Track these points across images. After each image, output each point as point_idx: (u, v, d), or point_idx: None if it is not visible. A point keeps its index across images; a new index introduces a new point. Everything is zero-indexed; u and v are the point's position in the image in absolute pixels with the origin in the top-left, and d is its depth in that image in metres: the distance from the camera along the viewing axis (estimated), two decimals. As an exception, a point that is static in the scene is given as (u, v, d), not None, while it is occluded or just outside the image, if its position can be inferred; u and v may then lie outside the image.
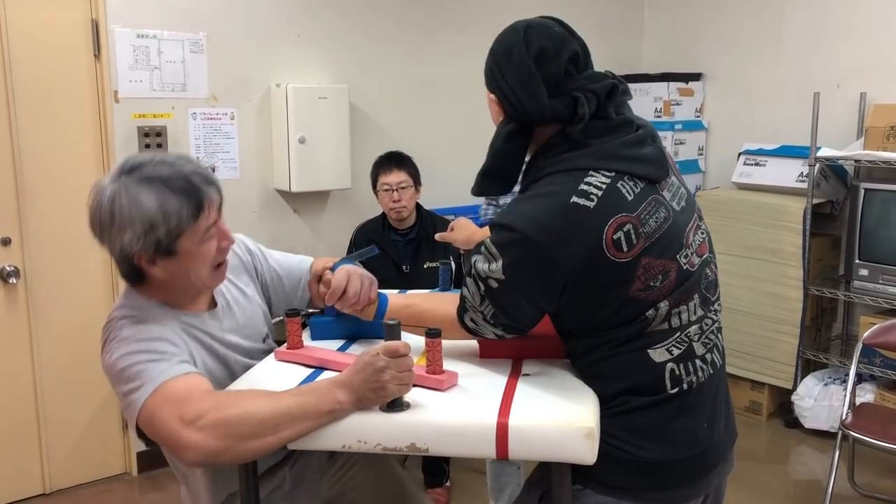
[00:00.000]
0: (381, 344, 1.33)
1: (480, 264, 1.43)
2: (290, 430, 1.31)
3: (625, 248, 1.36)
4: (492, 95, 1.50)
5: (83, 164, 3.25)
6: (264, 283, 1.82)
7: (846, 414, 3.11)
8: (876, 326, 3.19)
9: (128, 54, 3.25)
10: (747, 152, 4.33)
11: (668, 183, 1.47)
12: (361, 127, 3.93)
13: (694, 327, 1.44)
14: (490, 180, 1.50)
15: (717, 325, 1.51)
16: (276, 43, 3.65)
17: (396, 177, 3.30)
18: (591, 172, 1.38)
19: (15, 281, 3.14)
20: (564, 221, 1.35)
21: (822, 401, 3.85)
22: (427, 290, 2.17)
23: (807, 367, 4.04)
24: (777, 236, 3.97)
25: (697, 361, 1.44)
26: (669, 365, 1.40)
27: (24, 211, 3.14)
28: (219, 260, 1.55)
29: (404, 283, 3.15)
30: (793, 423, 4.00)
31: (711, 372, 1.47)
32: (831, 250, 4.14)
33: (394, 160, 3.37)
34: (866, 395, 3.74)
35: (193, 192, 1.45)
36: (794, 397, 3.95)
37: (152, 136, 3.33)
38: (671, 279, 1.40)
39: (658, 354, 1.40)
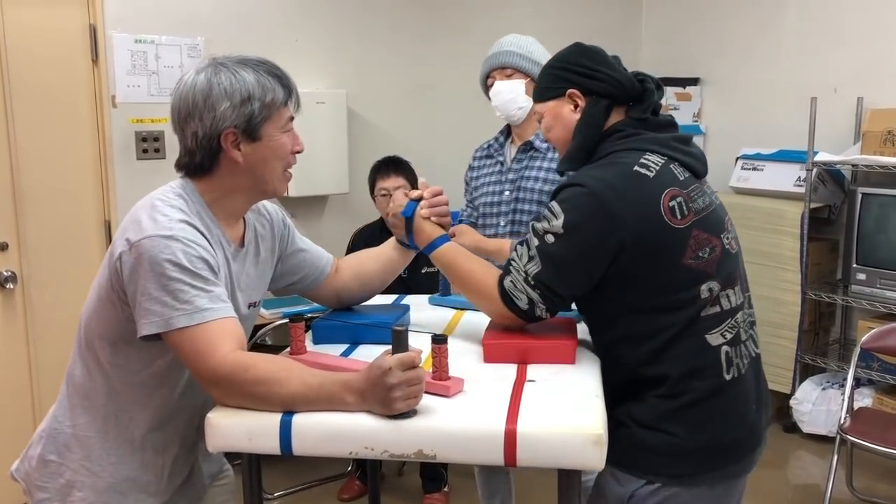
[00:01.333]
0: (393, 356, 1.30)
1: (539, 224, 1.55)
2: (291, 409, 1.37)
3: (678, 216, 1.51)
4: (567, 94, 1.64)
5: (81, 169, 3.24)
6: (279, 260, 1.78)
7: (844, 418, 3.11)
8: (874, 331, 3.20)
9: (126, 59, 3.24)
10: (745, 157, 4.34)
11: (706, 184, 1.66)
12: (359, 132, 3.93)
13: (739, 314, 1.59)
14: (582, 153, 1.64)
15: (750, 318, 1.65)
16: (274, 48, 3.64)
17: (394, 181, 3.29)
18: (648, 153, 1.57)
19: (12, 286, 3.12)
20: (627, 183, 1.51)
21: (820, 405, 3.85)
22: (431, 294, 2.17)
23: (805, 371, 4.05)
24: (775, 241, 3.98)
25: (742, 347, 1.59)
26: (724, 348, 1.54)
27: (22, 215, 3.13)
28: (291, 163, 1.59)
29: (402, 289, 3.14)
30: (791, 427, 4.00)
31: (749, 359, 1.61)
32: (829, 255, 4.15)
33: (391, 165, 3.36)
34: (864, 399, 3.75)
35: (284, 79, 1.56)
36: (792, 402, 3.96)
37: (150, 141, 3.32)
38: (717, 253, 1.55)
39: (714, 339, 1.53)
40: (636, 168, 1.52)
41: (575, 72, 1.64)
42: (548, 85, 1.69)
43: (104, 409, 1.56)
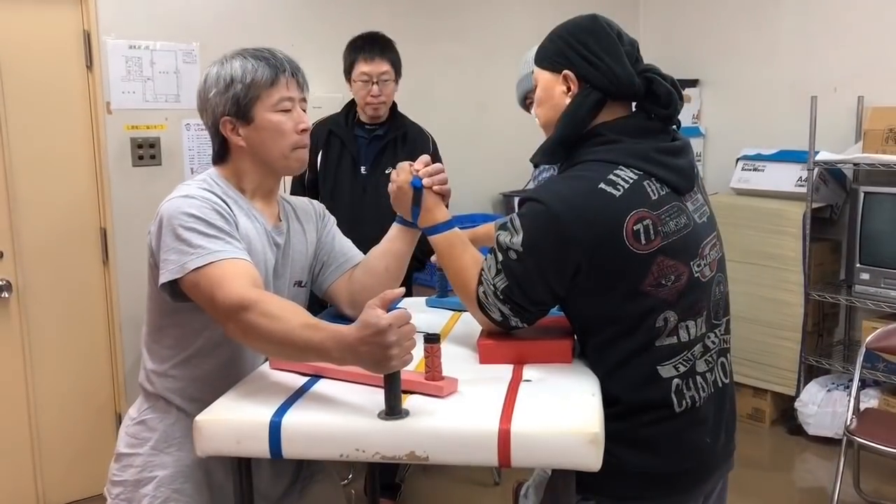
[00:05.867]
0: (389, 313, 1.26)
1: (503, 237, 1.49)
2: (286, 356, 1.46)
3: (643, 241, 1.41)
4: (562, 73, 1.53)
5: (76, 177, 3.22)
6: (318, 242, 1.85)
7: (850, 420, 3.07)
8: (878, 331, 3.16)
9: (120, 65, 3.23)
10: (745, 158, 4.31)
11: (693, 197, 1.54)
12: (357, 136, 3.90)
13: (698, 346, 1.50)
14: (561, 147, 1.55)
15: (720, 347, 1.57)
16: (270, 53, 3.63)
17: (379, 66, 2.89)
18: (621, 167, 1.45)
19: (7, 295, 3.10)
20: (589, 202, 1.41)
21: (825, 407, 3.81)
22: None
23: (809, 373, 4.01)
24: (777, 241, 3.95)
25: (699, 379, 1.50)
26: (675, 381, 1.47)
27: (17, 223, 3.11)
28: (298, 143, 1.63)
29: (358, 190, 2.90)
30: (796, 430, 3.96)
31: (713, 391, 1.53)
32: (832, 255, 4.12)
33: (377, 45, 2.91)
34: (870, 400, 3.71)
35: (273, 61, 1.60)
36: (797, 404, 3.92)
37: (146, 148, 3.30)
38: (682, 283, 1.46)
39: (666, 371, 1.46)
40: (602, 185, 1.42)
41: (576, 51, 1.51)
42: (548, 55, 1.58)
43: (162, 389, 1.65)
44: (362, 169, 3.00)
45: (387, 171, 3.03)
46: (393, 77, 2.97)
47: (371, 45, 2.91)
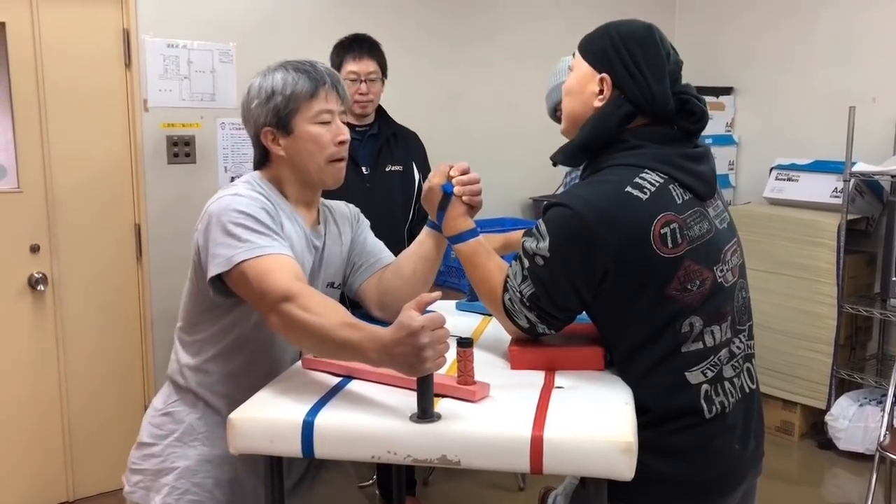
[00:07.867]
0: (423, 315, 1.26)
1: (528, 243, 1.48)
2: (324, 353, 1.51)
3: (670, 244, 1.41)
4: (600, 75, 1.52)
5: (112, 173, 3.26)
6: (351, 242, 1.89)
7: (884, 436, 3.02)
8: (914, 346, 3.11)
9: (158, 64, 3.27)
10: (779, 167, 4.26)
11: (714, 203, 1.55)
12: (389, 138, 3.90)
13: (724, 350, 1.49)
14: (583, 152, 1.55)
15: (745, 352, 1.56)
16: (304, 53, 3.60)
17: (367, 66, 2.94)
18: (646, 170, 1.45)
19: (43, 288, 3.15)
20: (616, 206, 1.41)
21: (857, 422, 3.75)
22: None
23: (841, 386, 3.94)
24: (810, 253, 3.90)
25: (727, 384, 1.49)
26: (704, 387, 1.46)
27: (54, 218, 3.16)
28: (335, 155, 1.67)
29: (363, 190, 2.86)
30: (826, 444, 3.90)
31: (740, 396, 1.52)
32: (866, 268, 4.06)
33: (365, 45, 2.97)
34: (903, 416, 3.64)
35: (314, 74, 1.65)
36: (827, 418, 3.86)
37: (181, 146, 3.34)
38: (706, 287, 1.45)
39: (694, 377, 1.45)
40: (628, 189, 1.41)
41: (621, 57, 1.49)
42: (594, 49, 1.54)
43: (194, 384, 1.69)
44: (364, 169, 3.01)
45: (388, 169, 3.02)
46: (380, 77, 3.02)
47: (359, 45, 2.97)
